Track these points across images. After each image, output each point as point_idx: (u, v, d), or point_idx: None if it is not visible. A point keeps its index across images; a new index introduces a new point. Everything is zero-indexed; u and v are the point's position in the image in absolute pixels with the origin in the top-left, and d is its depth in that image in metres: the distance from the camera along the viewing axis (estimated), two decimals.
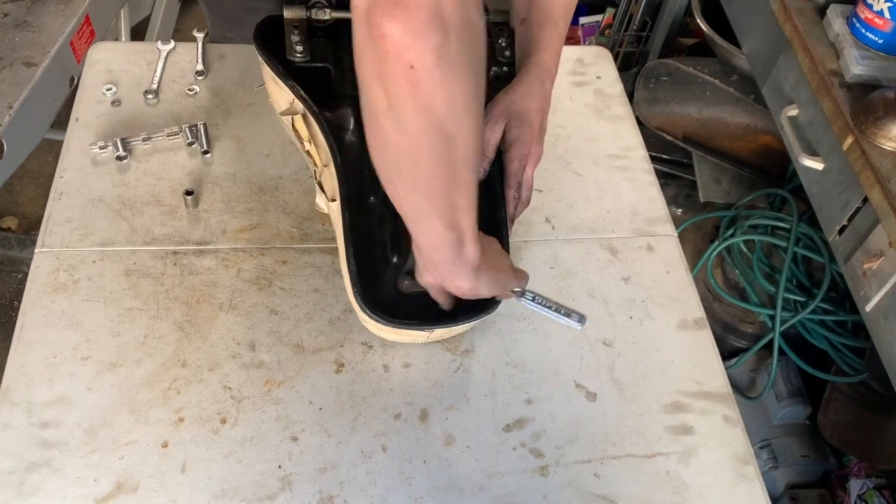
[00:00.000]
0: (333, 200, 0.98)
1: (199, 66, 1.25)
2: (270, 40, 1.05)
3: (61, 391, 0.88)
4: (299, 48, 1.04)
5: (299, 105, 1.02)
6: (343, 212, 0.94)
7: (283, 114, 1.06)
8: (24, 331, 0.93)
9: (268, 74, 1.06)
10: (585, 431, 0.93)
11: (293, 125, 1.04)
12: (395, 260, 0.93)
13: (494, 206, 0.98)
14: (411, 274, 0.90)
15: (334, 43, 1.09)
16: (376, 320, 0.89)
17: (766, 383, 1.76)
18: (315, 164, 1.04)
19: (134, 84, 1.21)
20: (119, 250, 1.01)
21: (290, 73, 1.03)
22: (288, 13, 1.07)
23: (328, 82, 1.06)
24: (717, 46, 1.93)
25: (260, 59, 1.05)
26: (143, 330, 0.94)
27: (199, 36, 1.28)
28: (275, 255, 1.03)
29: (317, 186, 1.05)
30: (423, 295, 0.90)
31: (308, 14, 1.07)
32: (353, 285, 0.90)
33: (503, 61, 1.09)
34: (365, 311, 0.89)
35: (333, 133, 0.99)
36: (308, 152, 1.05)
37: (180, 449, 0.86)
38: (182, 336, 0.94)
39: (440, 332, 0.94)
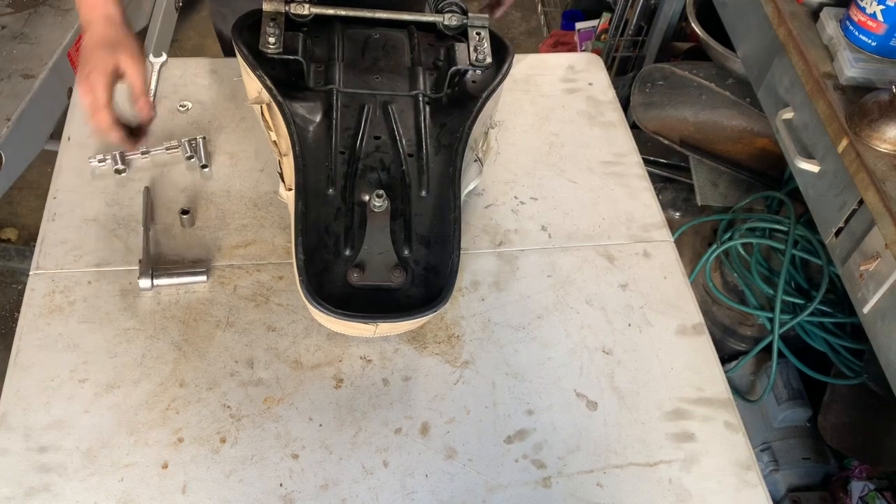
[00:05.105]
0: (290, 189, 0.99)
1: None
2: (250, 32, 1.08)
3: (59, 414, 0.88)
4: (272, 40, 1.05)
5: (266, 94, 1.04)
6: (297, 201, 0.95)
7: (250, 103, 1.08)
8: (21, 355, 0.92)
9: (241, 63, 1.07)
10: (587, 441, 0.93)
11: (262, 114, 1.06)
12: (347, 253, 0.94)
13: (443, 210, 0.99)
14: (361, 267, 0.92)
15: (311, 37, 1.10)
16: (320, 310, 0.89)
17: (766, 386, 1.75)
18: (278, 154, 1.06)
19: (126, 101, 1.21)
20: (114, 270, 1.01)
21: (263, 64, 1.05)
22: (266, 6, 1.08)
23: (300, 75, 1.07)
24: (712, 50, 1.93)
25: (236, 48, 1.07)
26: (141, 350, 0.94)
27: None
28: (271, 270, 1.03)
29: (279, 176, 1.07)
30: (372, 289, 0.92)
31: (287, 8, 1.08)
32: (300, 274, 0.90)
33: (478, 64, 1.10)
34: (309, 300, 0.89)
35: (297, 125, 1.01)
36: (275, 142, 1.07)
37: (180, 469, 0.85)
38: (179, 355, 0.94)
39: (385, 327, 0.94)
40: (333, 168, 0.99)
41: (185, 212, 1.06)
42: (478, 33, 1.12)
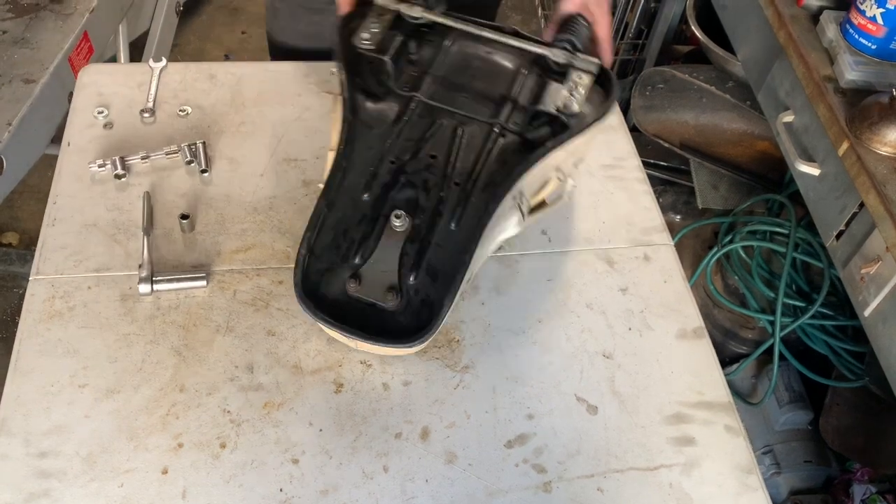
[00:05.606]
0: (321, 184, 0.97)
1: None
2: (356, 24, 1.06)
3: (59, 420, 0.88)
4: (366, 35, 1.03)
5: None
6: (321, 198, 0.94)
7: (328, 91, 1.07)
8: (21, 360, 0.92)
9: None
10: (587, 445, 0.93)
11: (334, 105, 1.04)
12: (355, 261, 0.92)
13: (463, 248, 0.93)
14: (359, 279, 0.90)
15: (420, 41, 1.08)
16: (302, 306, 0.87)
17: (768, 389, 1.76)
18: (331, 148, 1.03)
19: (125, 106, 1.21)
20: (114, 275, 1.01)
21: (351, 55, 1.03)
22: (379, 0, 1.06)
23: (383, 77, 1.04)
24: (712, 53, 1.93)
25: (337, 35, 1.06)
26: (141, 355, 0.94)
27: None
28: (271, 275, 1.03)
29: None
30: (367, 304, 0.90)
31: (398, 7, 1.06)
32: (296, 265, 0.89)
33: (563, 111, 1.00)
34: (297, 292, 0.88)
35: (358, 125, 0.99)
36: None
37: (180, 475, 0.85)
38: (179, 360, 0.94)
39: (365, 346, 0.92)
40: (377, 175, 0.97)
41: (184, 216, 1.06)
42: (579, 77, 1.02)
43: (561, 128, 1.01)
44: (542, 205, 1.05)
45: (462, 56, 1.10)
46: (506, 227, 0.99)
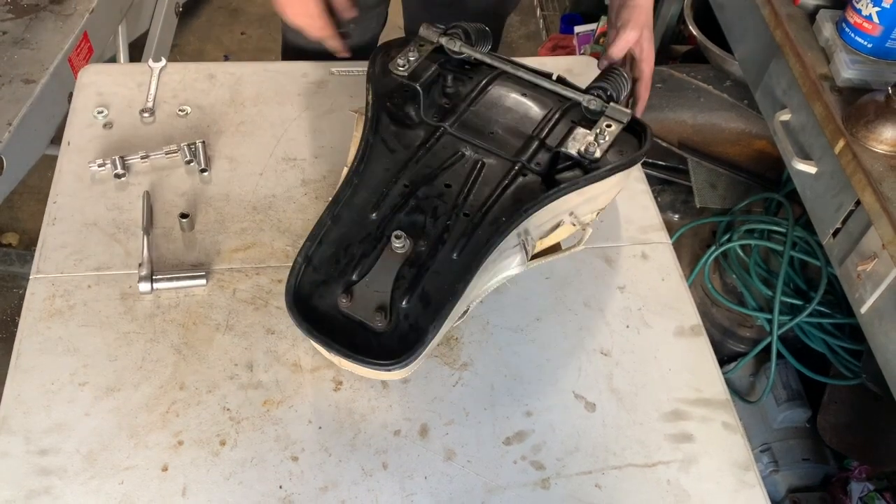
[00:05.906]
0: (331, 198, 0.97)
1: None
2: (396, 52, 1.08)
3: (59, 417, 0.88)
4: (402, 62, 1.04)
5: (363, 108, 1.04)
6: (325, 211, 0.94)
7: (354, 109, 1.08)
8: (21, 358, 0.93)
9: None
10: (585, 442, 0.93)
11: (357, 124, 1.05)
12: (353, 277, 0.90)
13: (460, 278, 0.91)
14: (351, 295, 0.88)
15: (461, 76, 1.09)
16: (290, 314, 0.87)
17: (766, 387, 1.76)
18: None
19: (125, 106, 1.21)
20: (114, 274, 1.01)
21: (388, 83, 1.05)
22: (423, 30, 1.07)
23: (412, 104, 1.05)
24: (709, 53, 1.93)
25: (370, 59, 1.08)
26: (141, 353, 0.94)
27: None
28: (270, 274, 1.04)
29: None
30: (357, 322, 0.88)
31: (439, 40, 1.07)
32: (291, 273, 0.89)
33: (584, 155, 0.99)
34: (287, 300, 0.88)
35: (377, 145, 1.00)
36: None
37: (180, 472, 0.86)
38: (179, 358, 0.94)
39: (346, 365, 0.91)
40: (388, 195, 0.96)
41: (184, 216, 1.06)
42: (608, 125, 1.01)
43: (582, 172, 1.00)
44: (555, 249, 1.05)
45: (496, 93, 1.10)
46: (508, 264, 0.99)
